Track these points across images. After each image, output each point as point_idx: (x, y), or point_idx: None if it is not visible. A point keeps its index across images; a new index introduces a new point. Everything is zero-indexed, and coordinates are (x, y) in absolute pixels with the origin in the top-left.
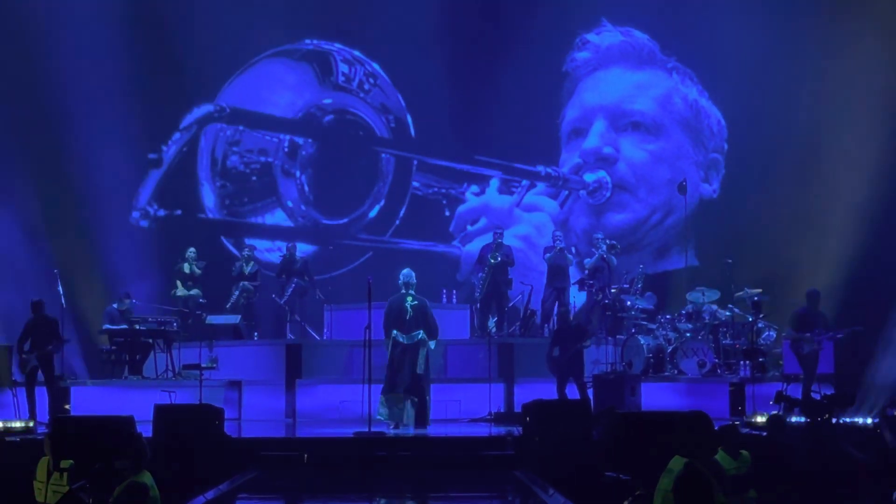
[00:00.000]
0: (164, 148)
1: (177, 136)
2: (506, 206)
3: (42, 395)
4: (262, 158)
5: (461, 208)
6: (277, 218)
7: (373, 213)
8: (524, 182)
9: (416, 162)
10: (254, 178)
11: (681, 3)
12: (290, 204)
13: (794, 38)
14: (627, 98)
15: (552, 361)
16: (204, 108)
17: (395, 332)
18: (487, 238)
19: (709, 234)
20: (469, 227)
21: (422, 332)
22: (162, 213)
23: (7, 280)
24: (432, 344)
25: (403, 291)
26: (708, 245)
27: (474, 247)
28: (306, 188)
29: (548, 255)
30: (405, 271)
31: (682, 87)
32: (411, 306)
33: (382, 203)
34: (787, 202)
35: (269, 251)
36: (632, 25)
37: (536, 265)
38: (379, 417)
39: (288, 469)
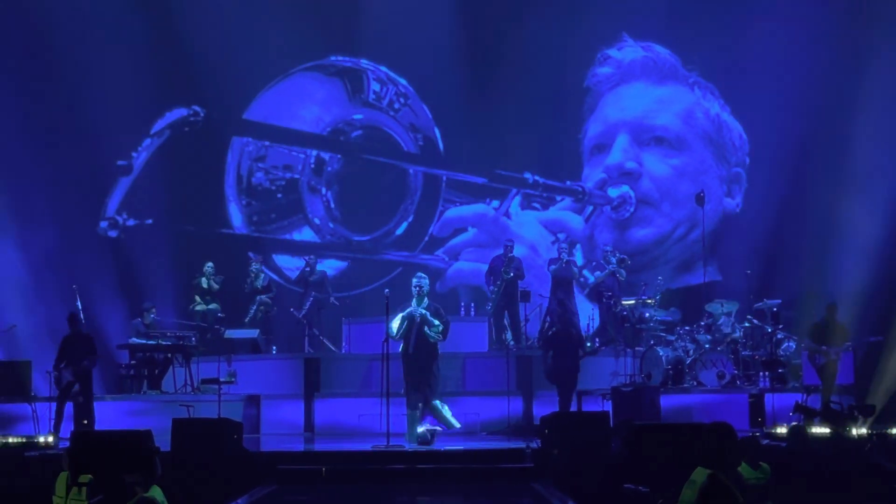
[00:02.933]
0: (134, 154)
1: (147, 141)
2: (495, 216)
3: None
4: (288, 175)
5: (450, 213)
6: (305, 235)
7: (400, 231)
8: (512, 190)
9: (444, 178)
10: (279, 195)
11: (701, 17)
12: (317, 221)
13: (817, 50)
14: (650, 113)
15: (550, 370)
16: (177, 112)
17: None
18: (475, 251)
19: (732, 247)
20: (454, 241)
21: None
22: (132, 222)
23: (27, 296)
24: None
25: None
26: (731, 259)
27: (464, 265)
28: (332, 204)
29: (553, 266)
30: (419, 275)
31: (704, 101)
32: (426, 308)
33: (411, 219)
34: (811, 215)
35: (300, 269)
36: (652, 40)
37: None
38: (421, 430)
39: (306, 483)
